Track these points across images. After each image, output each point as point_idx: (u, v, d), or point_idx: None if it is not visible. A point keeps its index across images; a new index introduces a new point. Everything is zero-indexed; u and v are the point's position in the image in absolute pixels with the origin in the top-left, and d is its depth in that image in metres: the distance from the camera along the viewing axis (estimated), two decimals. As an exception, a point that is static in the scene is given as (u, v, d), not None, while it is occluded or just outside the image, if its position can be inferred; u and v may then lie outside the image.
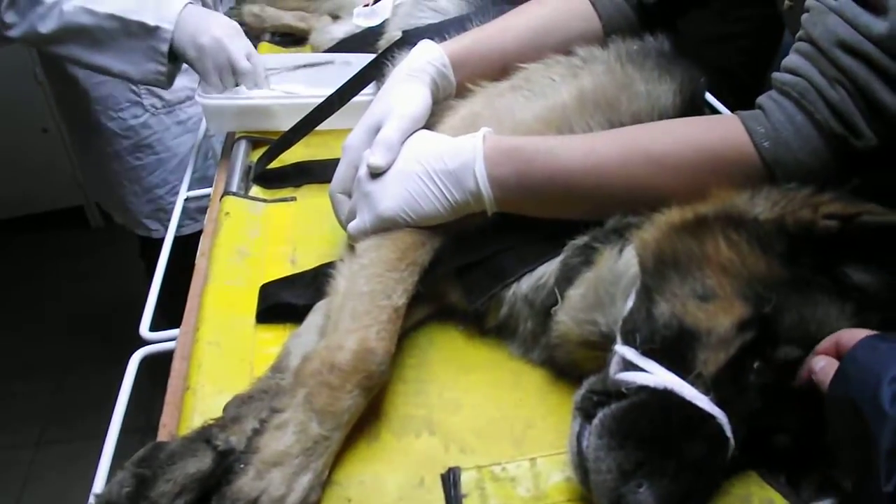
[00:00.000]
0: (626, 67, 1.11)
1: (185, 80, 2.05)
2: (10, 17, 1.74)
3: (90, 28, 1.70)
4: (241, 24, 1.97)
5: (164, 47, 1.67)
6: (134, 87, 2.11)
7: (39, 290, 3.92)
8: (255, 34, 2.08)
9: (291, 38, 2.08)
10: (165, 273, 1.34)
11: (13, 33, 1.77)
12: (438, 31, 1.31)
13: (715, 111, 1.54)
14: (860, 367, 0.69)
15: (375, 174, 1.01)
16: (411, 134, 1.04)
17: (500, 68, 1.18)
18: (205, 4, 2.00)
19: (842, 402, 0.70)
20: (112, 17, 1.68)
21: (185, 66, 1.76)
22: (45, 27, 1.71)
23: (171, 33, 1.66)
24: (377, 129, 1.04)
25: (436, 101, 1.13)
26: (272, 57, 1.85)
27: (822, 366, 0.74)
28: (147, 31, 1.67)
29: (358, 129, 1.08)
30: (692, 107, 1.12)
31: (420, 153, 1.00)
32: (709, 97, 1.51)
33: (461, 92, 1.17)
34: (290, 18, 2.06)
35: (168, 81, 1.74)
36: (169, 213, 2.02)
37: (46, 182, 4.18)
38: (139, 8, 1.67)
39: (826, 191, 0.87)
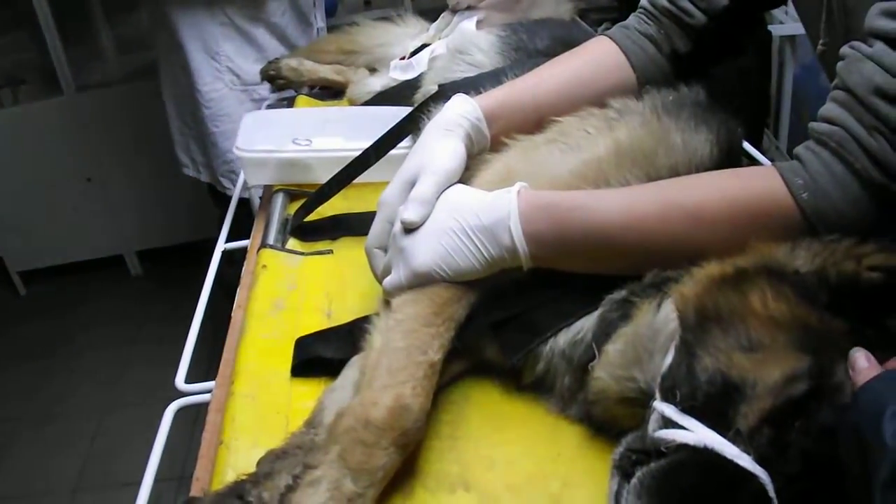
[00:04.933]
0: (661, 119, 1.10)
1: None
2: None
3: None
4: (280, 77, 2.05)
5: None
6: (217, 66, 2.50)
7: (78, 335, 3.96)
8: (293, 87, 2.12)
9: (329, 91, 2.11)
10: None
11: None
12: (474, 85, 1.32)
13: (752, 159, 1.53)
14: (871, 398, 0.69)
15: (410, 229, 1.01)
16: (446, 189, 1.04)
17: (534, 121, 1.18)
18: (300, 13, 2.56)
19: (851, 430, 0.69)
20: None
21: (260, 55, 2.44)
22: None
23: None
24: (412, 185, 1.04)
25: (470, 154, 1.13)
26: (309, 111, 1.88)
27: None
28: None
29: (393, 185, 1.08)
30: (729, 157, 1.11)
31: (455, 208, 1.00)
32: (746, 146, 1.50)
33: (496, 145, 1.17)
34: (327, 72, 2.10)
35: None
36: (238, 174, 2.36)
37: (88, 230, 4.27)
38: None
39: (868, 241, 0.86)
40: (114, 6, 4.20)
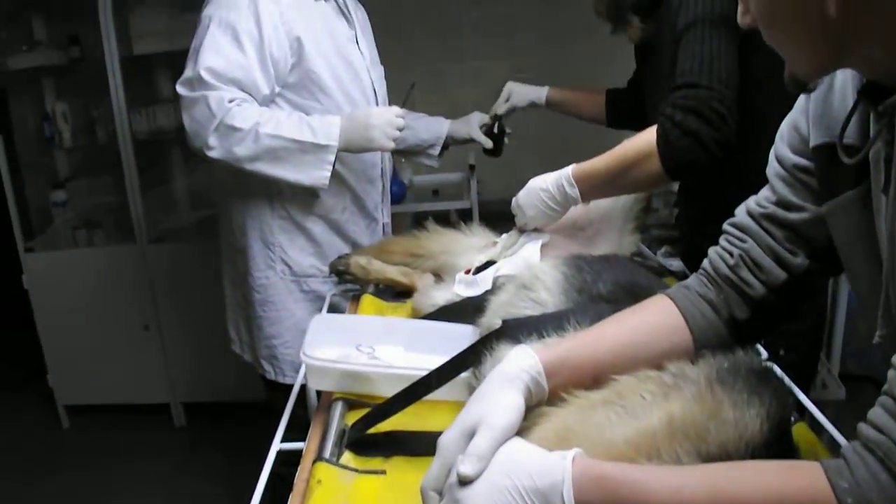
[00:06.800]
0: (715, 392, 1.14)
1: (314, 260, 2.64)
2: (212, 141, 2.29)
3: (276, 148, 2.30)
4: (348, 273, 2.14)
5: (331, 158, 2.34)
6: (271, 255, 2.62)
7: (112, 486, 3.97)
8: (359, 284, 2.22)
9: (392, 291, 2.21)
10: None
11: (213, 154, 2.31)
12: (536, 326, 1.39)
13: (801, 407, 1.55)
14: None
15: (466, 482, 1.05)
16: (504, 442, 1.09)
17: (592, 377, 1.23)
18: (364, 210, 2.70)
19: None
20: (293, 140, 2.30)
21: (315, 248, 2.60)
22: (242, 150, 2.30)
23: (336, 147, 2.32)
24: (471, 433, 1.09)
25: (528, 405, 1.18)
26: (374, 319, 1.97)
27: None
28: (318, 148, 2.31)
29: (453, 430, 1.13)
30: (779, 434, 1.14)
31: (511, 467, 1.04)
32: (796, 391, 1.52)
33: (553, 398, 1.22)
34: (393, 272, 2.19)
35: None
36: (280, 359, 2.68)
37: (139, 376, 4.39)
38: (310, 129, 2.31)
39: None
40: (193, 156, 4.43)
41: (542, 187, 1.95)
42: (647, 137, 1.83)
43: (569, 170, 1.92)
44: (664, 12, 2.00)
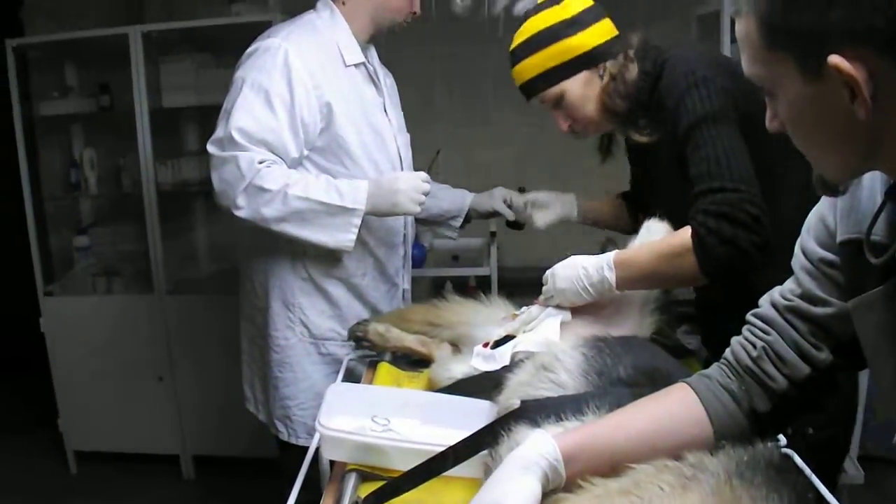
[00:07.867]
0: (734, 487, 1.12)
1: (333, 324, 2.64)
2: (241, 201, 2.32)
3: (303, 210, 2.33)
4: (366, 339, 2.14)
5: (357, 221, 2.36)
6: (290, 315, 2.63)
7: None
8: (376, 351, 2.22)
9: (410, 359, 2.21)
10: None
11: (241, 213, 2.35)
12: (555, 408, 1.38)
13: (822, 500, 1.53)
14: None
15: None
16: None
17: (610, 465, 1.22)
18: (385, 275, 2.72)
19: None
20: (321, 202, 2.33)
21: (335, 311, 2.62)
22: (270, 211, 2.33)
23: (363, 211, 2.35)
24: (488, 520, 1.09)
25: (545, 491, 1.17)
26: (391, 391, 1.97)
27: None
28: (345, 211, 2.34)
29: (470, 516, 1.13)
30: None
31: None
32: (818, 484, 1.50)
33: (570, 485, 1.21)
34: (411, 341, 2.20)
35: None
36: (294, 421, 2.67)
37: (150, 426, 4.38)
38: (338, 193, 2.34)
39: None
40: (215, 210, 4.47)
41: (583, 265, 1.93)
42: (683, 237, 1.83)
43: (611, 255, 1.92)
44: (662, 115, 1.98)
